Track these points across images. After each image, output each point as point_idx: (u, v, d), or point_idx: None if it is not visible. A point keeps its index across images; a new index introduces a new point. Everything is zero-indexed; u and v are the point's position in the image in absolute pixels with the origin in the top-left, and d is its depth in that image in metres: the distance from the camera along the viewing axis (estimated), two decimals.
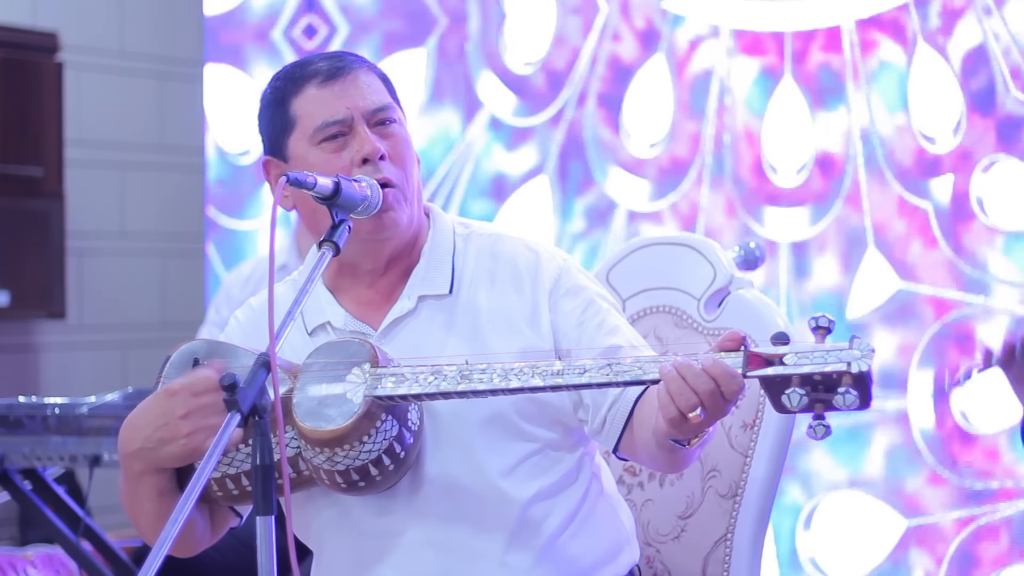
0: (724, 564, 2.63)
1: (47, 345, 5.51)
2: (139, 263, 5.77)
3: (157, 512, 2.36)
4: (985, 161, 4.10)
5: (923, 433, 4.17)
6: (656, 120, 4.59)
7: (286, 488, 2.15)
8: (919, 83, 4.20)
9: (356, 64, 2.47)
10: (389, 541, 2.42)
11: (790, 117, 4.39)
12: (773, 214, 4.41)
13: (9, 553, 4.33)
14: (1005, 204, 4.09)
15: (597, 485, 2.51)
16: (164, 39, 5.82)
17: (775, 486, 2.65)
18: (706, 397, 2.12)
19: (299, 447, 2.33)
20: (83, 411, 3.77)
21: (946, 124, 4.16)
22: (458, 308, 2.45)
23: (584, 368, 2.20)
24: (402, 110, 2.50)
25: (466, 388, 2.25)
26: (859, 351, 2.03)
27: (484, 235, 2.52)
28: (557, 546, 2.43)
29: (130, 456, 2.32)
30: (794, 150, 4.40)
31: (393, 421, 2.30)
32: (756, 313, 2.68)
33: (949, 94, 4.15)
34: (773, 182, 4.41)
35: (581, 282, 2.48)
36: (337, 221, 2.29)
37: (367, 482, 2.32)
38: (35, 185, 5.25)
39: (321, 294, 2.49)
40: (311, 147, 2.43)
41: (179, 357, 2.42)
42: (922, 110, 4.20)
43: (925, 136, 4.18)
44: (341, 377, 2.30)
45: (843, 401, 2.03)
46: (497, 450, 2.40)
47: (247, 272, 4.57)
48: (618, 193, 4.65)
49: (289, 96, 2.45)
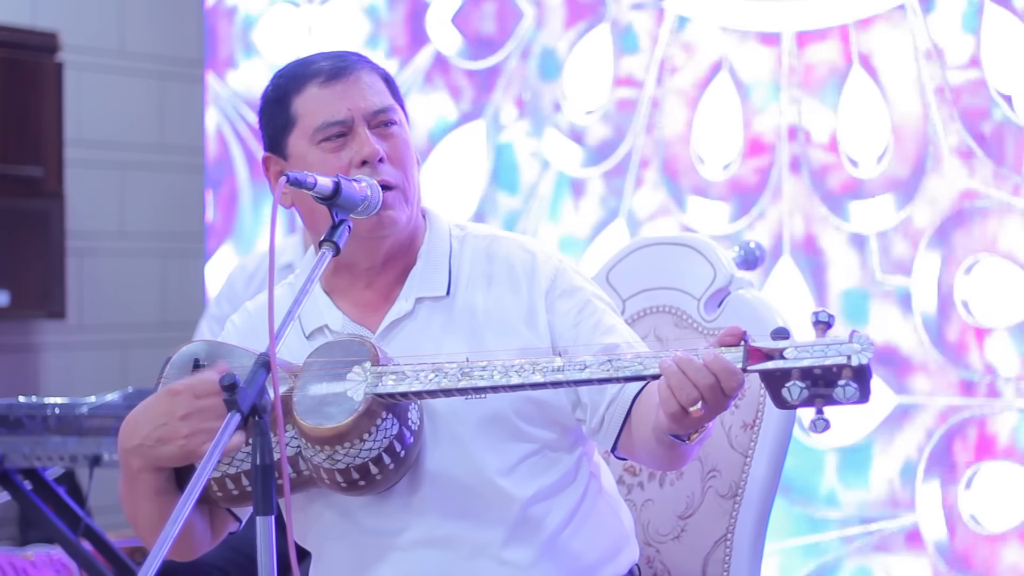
0: (724, 564, 2.63)
1: (47, 345, 5.51)
2: (139, 263, 5.77)
3: (154, 512, 2.36)
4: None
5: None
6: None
7: (286, 489, 2.15)
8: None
9: (359, 64, 2.47)
10: (388, 541, 2.42)
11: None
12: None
13: (9, 553, 4.33)
14: None
15: (596, 484, 2.51)
16: (164, 39, 5.82)
17: (775, 486, 2.65)
18: (707, 391, 2.13)
19: (299, 446, 2.33)
20: (83, 411, 3.77)
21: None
22: (455, 309, 2.46)
23: (585, 364, 2.21)
24: (404, 111, 2.51)
25: (467, 385, 2.25)
26: (859, 344, 2.04)
27: (480, 236, 2.53)
28: (558, 543, 2.43)
29: (129, 453, 2.33)
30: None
31: (393, 419, 2.30)
32: (756, 313, 2.68)
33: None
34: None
35: (577, 282, 2.49)
36: (337, 221, 2.29)
37: (367, 481, 2.32)
38: (35, 185, 5.25)
39: (318, 297, 2.49)
40: (311, 146, 2.43)
41: (180, 358, 2.43)
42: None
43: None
44: (342, 376, 2.30)
45: (843, 394, 2.03)
46: (496, 450, 2.41)
47: (251, 267, 4.56)
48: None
49: (291, 94, 2.45)
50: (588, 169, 4.69)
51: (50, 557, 4.25)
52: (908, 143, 4.16)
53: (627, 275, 2.80)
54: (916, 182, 4.14)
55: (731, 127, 4.44)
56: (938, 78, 4.11)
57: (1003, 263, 4.04)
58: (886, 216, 4.19)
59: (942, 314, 4.11)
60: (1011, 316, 4.02)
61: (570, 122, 4.72)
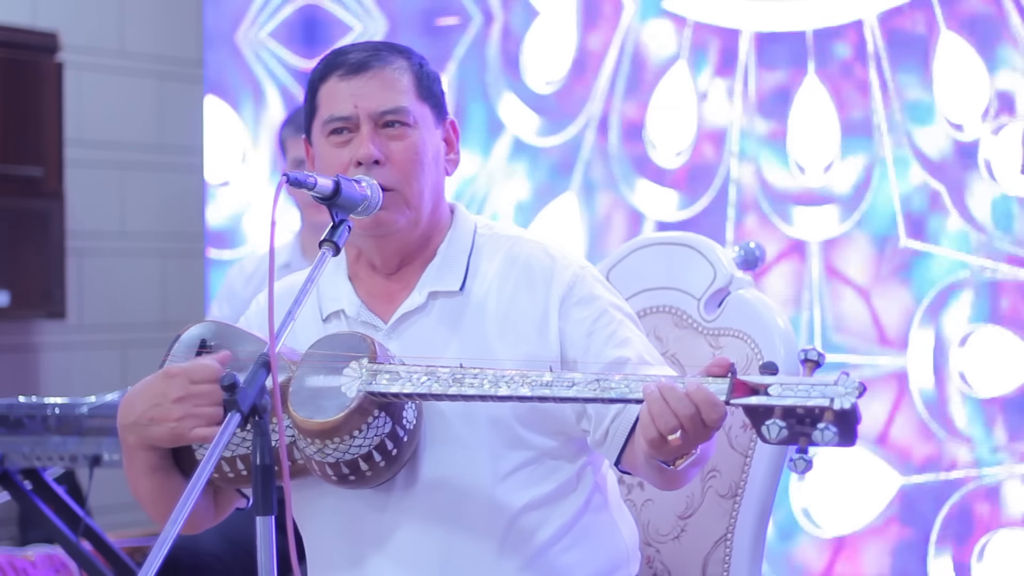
0: (724, 564, 2.63)
1: (47, 345, 5.51)
2: (139, 263, 5.77)
3: (151, 486, 2.40)
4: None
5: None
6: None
7: (285, 477, 2.14)
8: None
9: (387, 60, 2.44)
10: (385, 534, 2.42)
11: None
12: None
13: (9, 553, 4.33)
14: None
15: (600, 498, 2.48)
16: (164, 39, 5.82)
17: (775, 486, 2.65)
18: (686, 421, 2.11)
19: (294, 435, 2.34)
20: (83, 411, 3.77)
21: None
22: (468, 307, 2.45)
23: (573, 382, 2.20)
24: (435, 111, 2.47)
25: (456, 392, 2.25)
26: (843, 388, 2.02)
27: (504, 236, 2.51)
28: (548, 556, 2.41)
29: (124, 428, 2.37)
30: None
31: (387, 418, 2.30)
32: (756, 313, 2.68)
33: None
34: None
35: (596, 291, 2.46)
36: (337, 221, 2.29)
37: (357, 476, 2.33)
38: (35, 185, 5.25)
39: (340, 281, 2.50)
40: (322, 137, 2.45)
41: (188, 337, 2.45)
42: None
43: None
44: (339, 370, 2.31)
45: (822, 437, 2.02)
46: (494, 454, 2.39)
47: (250, 269, 4.57)
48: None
49: (318, 82, 2.46)
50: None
51: (50, 557, 4.25)
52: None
53: (627, 275, 2.80)
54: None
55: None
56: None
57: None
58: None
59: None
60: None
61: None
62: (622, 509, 2.55)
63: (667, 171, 4.52)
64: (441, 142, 2.49)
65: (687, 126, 4.50)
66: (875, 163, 4.20)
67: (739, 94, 4.40)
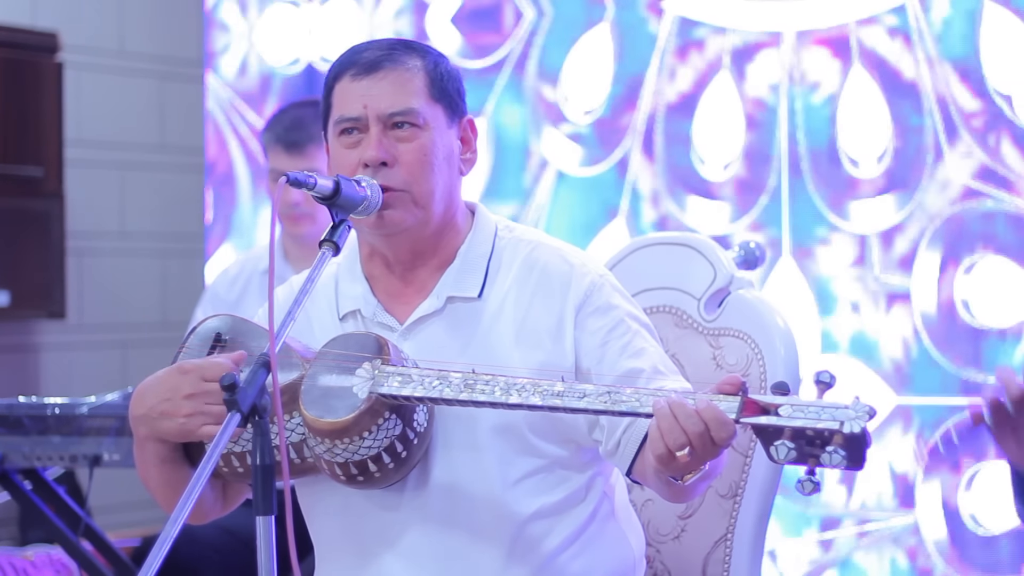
0: (724, 564, 2.63)
1: (47, 345, 5.51)
2: (139, 263, 5.77)
3: (160, 477, 2.42)
4: None
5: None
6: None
7: (285, 476, 2.14)
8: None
9: (399, 60, 2.43)
10: (394, 534, 2.42)
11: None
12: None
13: (9, 553, 4.33)
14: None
15: (608, 507, 2.48)
16: (164, 39, 5.82)
17: (775, 486, 2.65)
18: (695, 438, 2.10)
19: (304, 433, 2.34)
20: (83, 411, 3.77)
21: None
22: (484, 313, 2.43)
23: (584, 393, 2.20)
24: (449, 111, 2.45)
25: (467, 397, 2.25)
26: (854, 411, 2.02)
27: (524, 241, 2.49)
28: (556, 564, 2.41)
29: (135, 420, 2.39)
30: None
31: (397, 420, 2.30)
32: (756, 313, 2.68)
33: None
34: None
35: (613, 301, 2.45)
36: (337, 221, 2.29)
37: (366, 477, 2.33)
38: (35, 185, 5.24)
39: (358, 281, 2.49)
40: (334, 137, 2.45)
41: (204, 330, 2.48)
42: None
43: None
44: (351, 370, 2.31)
45: (829, 460, 2.02)
46: (504, 461, 2.39)
47: (233, 273, 4.55)
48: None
49: (332, 80, 2.46)
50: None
51: (50, 557, 4.25)
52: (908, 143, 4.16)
53: (627, 275, 2.79)
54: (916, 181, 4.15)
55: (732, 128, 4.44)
56: (939, 78, 4.11)
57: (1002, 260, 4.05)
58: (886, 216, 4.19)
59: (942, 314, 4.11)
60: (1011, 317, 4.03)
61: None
62: (631, 517, 2.54)
63: (715, 184, 4.45)
64: (456, 141, 2.47)
65: (735, 138, 4.43)
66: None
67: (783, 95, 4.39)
